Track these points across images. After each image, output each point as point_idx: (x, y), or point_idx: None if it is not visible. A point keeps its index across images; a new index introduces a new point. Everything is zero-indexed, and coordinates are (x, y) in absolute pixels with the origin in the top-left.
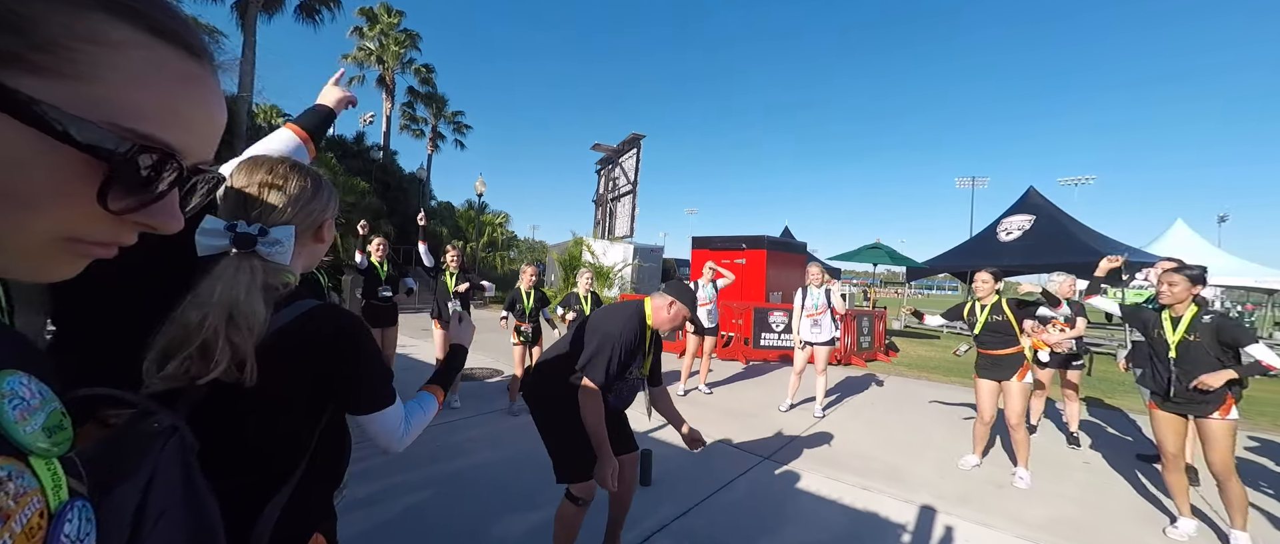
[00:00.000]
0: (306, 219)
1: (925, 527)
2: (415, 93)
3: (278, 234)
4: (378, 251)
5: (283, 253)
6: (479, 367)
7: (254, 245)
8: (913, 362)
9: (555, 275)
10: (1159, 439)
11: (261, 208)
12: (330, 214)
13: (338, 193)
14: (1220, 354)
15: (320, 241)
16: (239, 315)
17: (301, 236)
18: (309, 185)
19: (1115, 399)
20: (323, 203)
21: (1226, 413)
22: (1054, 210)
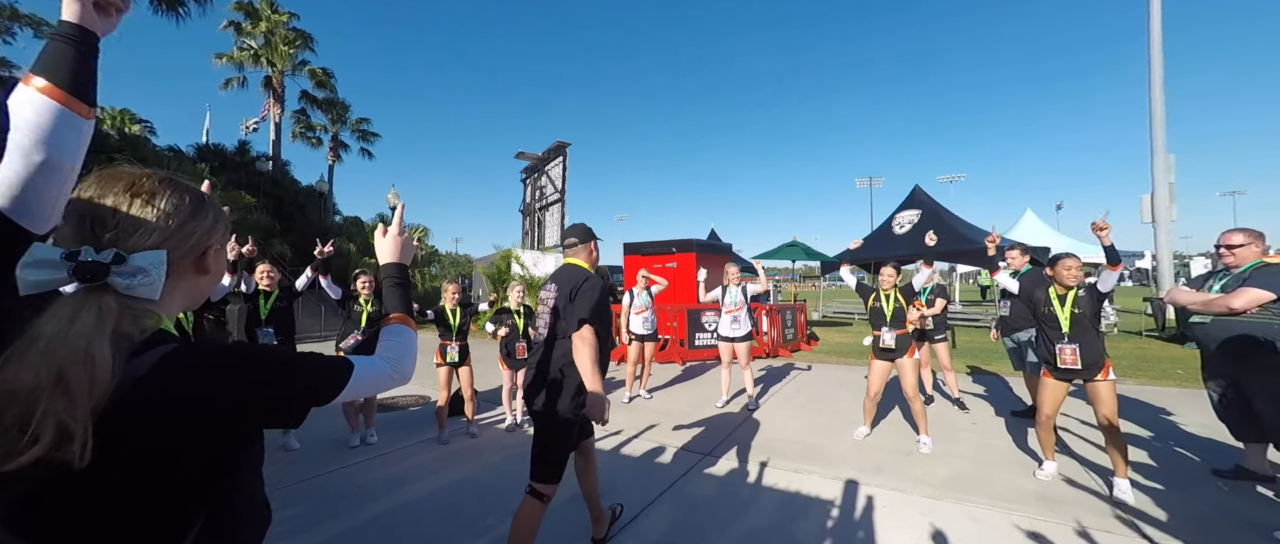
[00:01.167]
0: (183, 244)
1: (850, 499)
2: (311, 98)
3: (142, 261)
4: (266, 280)
5: (148, 286)
6: (402, 395)
7: (106, 276)
8: (832, 349)
9: (483, 290)
10: (1041, 401)
11: (118, 229)
12: (217, 239)
13: (227, 217)
14: (1094, 313)
15: (203, 274)
16: (73, 375)
17: (178, 267)
18: (187, 201)
19: (991, 365)
20: (206, 224)
21: (1107, 375)
22: (935, 205)
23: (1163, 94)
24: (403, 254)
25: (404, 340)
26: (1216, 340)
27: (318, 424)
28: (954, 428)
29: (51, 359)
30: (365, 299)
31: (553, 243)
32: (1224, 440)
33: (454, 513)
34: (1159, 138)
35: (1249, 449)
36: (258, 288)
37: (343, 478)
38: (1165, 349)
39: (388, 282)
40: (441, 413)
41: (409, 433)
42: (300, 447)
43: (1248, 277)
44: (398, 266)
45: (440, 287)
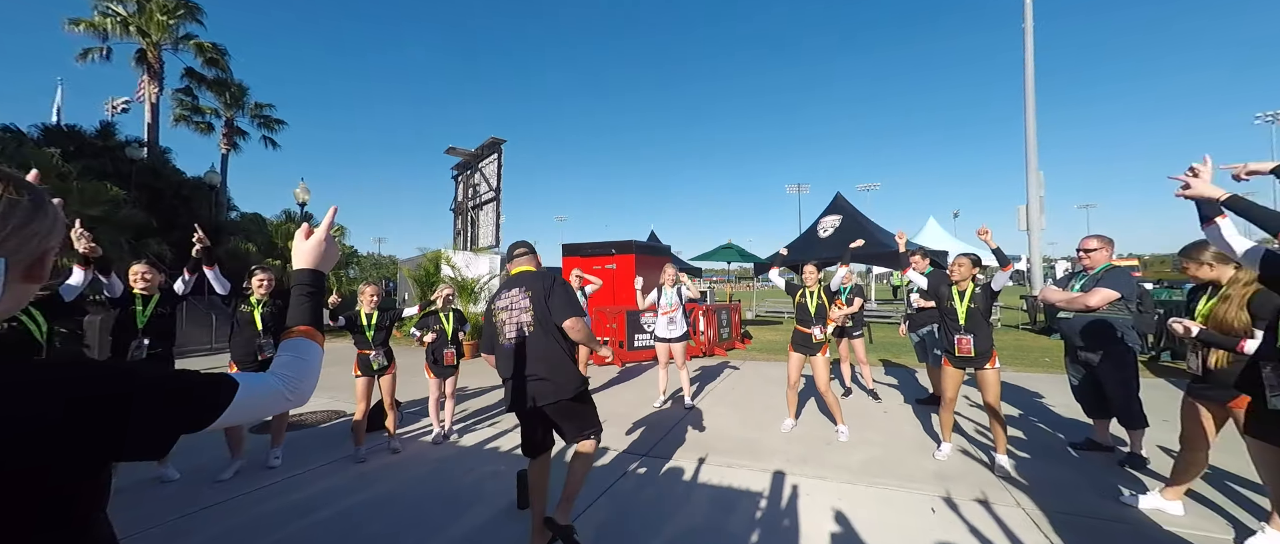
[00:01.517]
0: (21, 248)
1: (777, 489)
2: (198, 77)
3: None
4: (142, 282)
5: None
6: (312, 412)
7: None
8: (764, 346)
9: (408, 293)
10: (943, 387)
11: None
12: (54, 243)
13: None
14: (986, 309)
15: (34, 281)
16: None
17: (10, 273)
18: (26, 201)
19: (900, 358)
20: (45, 226)
21: (994, 364)
22: (854, 211)
23: (1035, 114)
24: (323, 261)
25: (306, 357)
26: (1077, 332)
27: (206, 449)
28: (869, 417)
29: None
30: (257, 301)
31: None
32: (1080, 418)
33: (369, 539)
34: (1032, 154)
35: (1097, 425)
36: (133, 292)
37: (234, 510)
38: (1037, 340)
39: (299, 289)
40: (359, 428)
41: (319, 453)
42: (180, 477)
43: (1101, 277)
44: (313, 274)
45: (357, 290)
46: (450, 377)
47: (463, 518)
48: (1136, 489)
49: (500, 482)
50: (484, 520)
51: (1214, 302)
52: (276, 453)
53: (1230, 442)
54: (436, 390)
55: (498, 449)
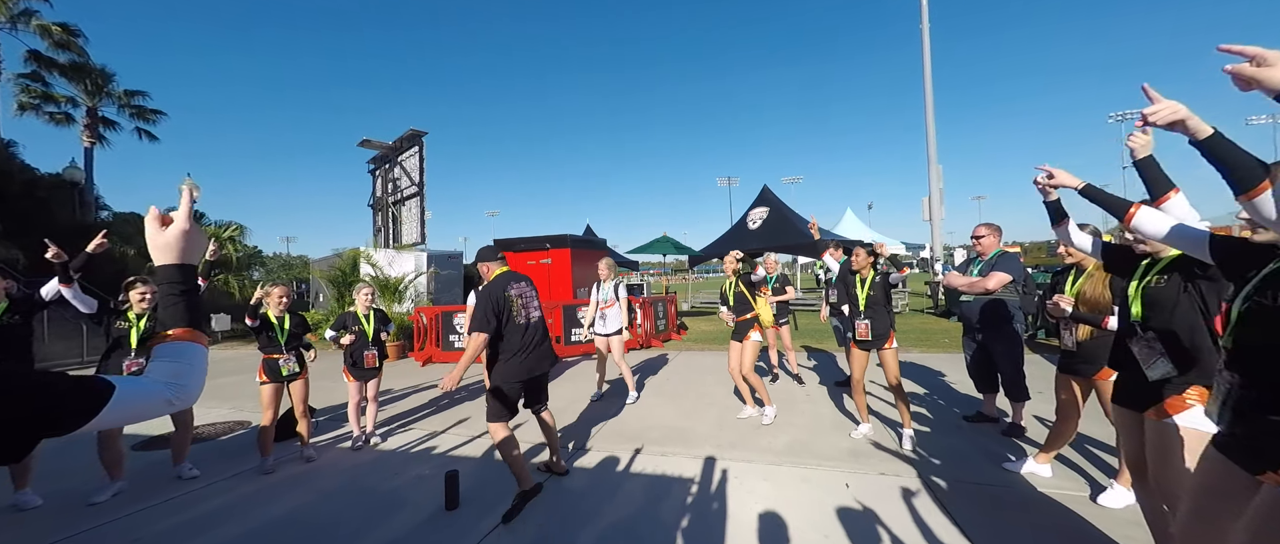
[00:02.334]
0: None
1: (708, 474)
2: (46, 60)
3: None
4: None
5: None
6: (215, 422)
7: None
8: (699, 337)
9: (324, 294)
10: (852, 370)
11: None
12: None
13: None
14: (885, 297)
15: None
16: None
17: None
18: None
19: (822, 344)
20: None
21: (891, 344)
22: (779, 203)
23: (933, 109)
24: (188, 252)
25: (188, 357)
26: (975, 314)
27: (76, 471)
28: (793, 400)
29: None
30: (136, 315)
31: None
32: (973, 393)
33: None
34: (931, 149)
35: (986, 398)
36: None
37: (122, 531)
38: (939, 323)
39: (167, 289)
40: (266, 437)
41: (222, 465)
42: (42, 503)
43: (995, 262)
44: (180, 269)
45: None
46: (372, 379)
47: (386, 524)
48: (1019, 456)
49: (426, 485)
50: (411, 526)
51: (1081, 280)
52: (188, 465)
53: (1091, 409)
54: (356, 394)
55: (424, 451)
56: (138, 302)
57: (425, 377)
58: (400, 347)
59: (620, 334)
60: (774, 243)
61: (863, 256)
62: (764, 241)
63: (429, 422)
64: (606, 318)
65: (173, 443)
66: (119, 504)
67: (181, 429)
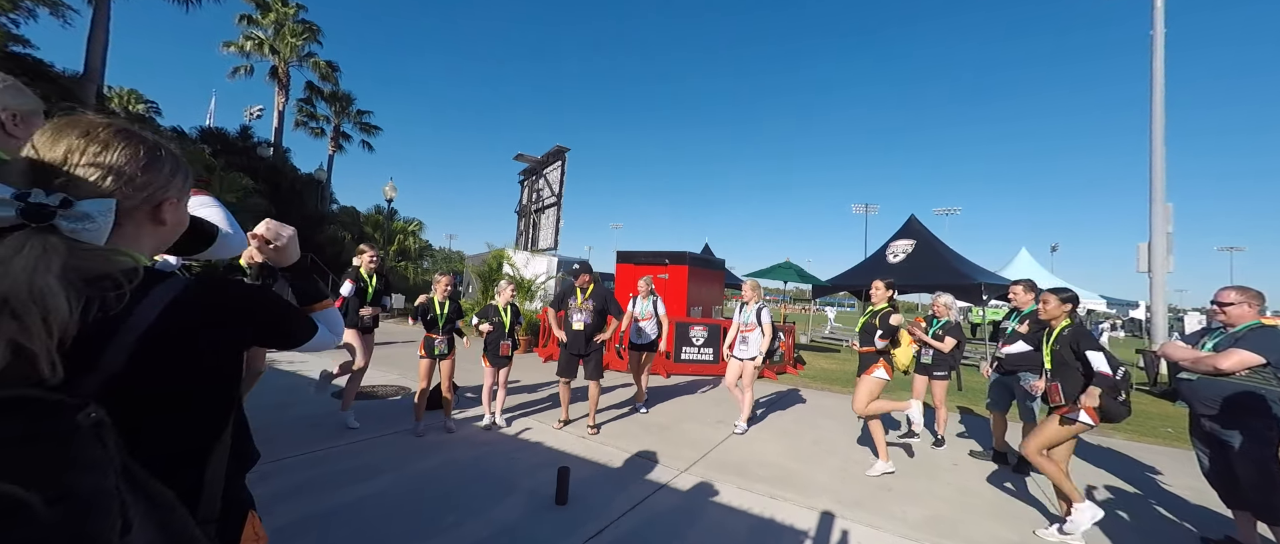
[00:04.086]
0: (136, 195)
1: (824, 531)
2: (316, 89)
3: (88, 208)
4: (371, 263)
5: (93, 231)
6: (381, 384)
7: (52, 219)
8: (817, 374)
9: (472, 287)
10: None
11: (69, 176)
12: (174, 193)
13: (192, 170)
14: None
15: (161, 224)
16: (17, 302)
17: (132, 215)
18: (141, 153)
19: (981, 407)
20: (161, 178)
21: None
22: (930, 236)
23: (1164, 143)
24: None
25: (332, 317)
26: (1203, 400)
27: (291, 408)
28: (936, 466)
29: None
30: (368, 273)
31: (546, 245)
32: (1215, 507)
33: (410, 512)
34: (1158, 186)
35: (1238, 518)
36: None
37: (304, 464)
38: (1156, 405)
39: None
40: (419, 404)
41: (386, 423)
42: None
43: (1241, 337)
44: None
45: (431, 279)
46: (504, 367)
47: (502, 504)
48: None
49: (539, 475)
50: (523, 511)
51: None
52: (351, 417)
53: None
54: (490, 379)
55: (541, 443)
56: (367, 262)
57: (546, 372)
58: (526, 341)
59: (754, 360)
60: (919, 281)
61: (1055, 303)
62: (906, 277)
63: (547, 414)
64: (748, 341)
65: (345, 393)
66: (316, 438)
67: (351, 384)
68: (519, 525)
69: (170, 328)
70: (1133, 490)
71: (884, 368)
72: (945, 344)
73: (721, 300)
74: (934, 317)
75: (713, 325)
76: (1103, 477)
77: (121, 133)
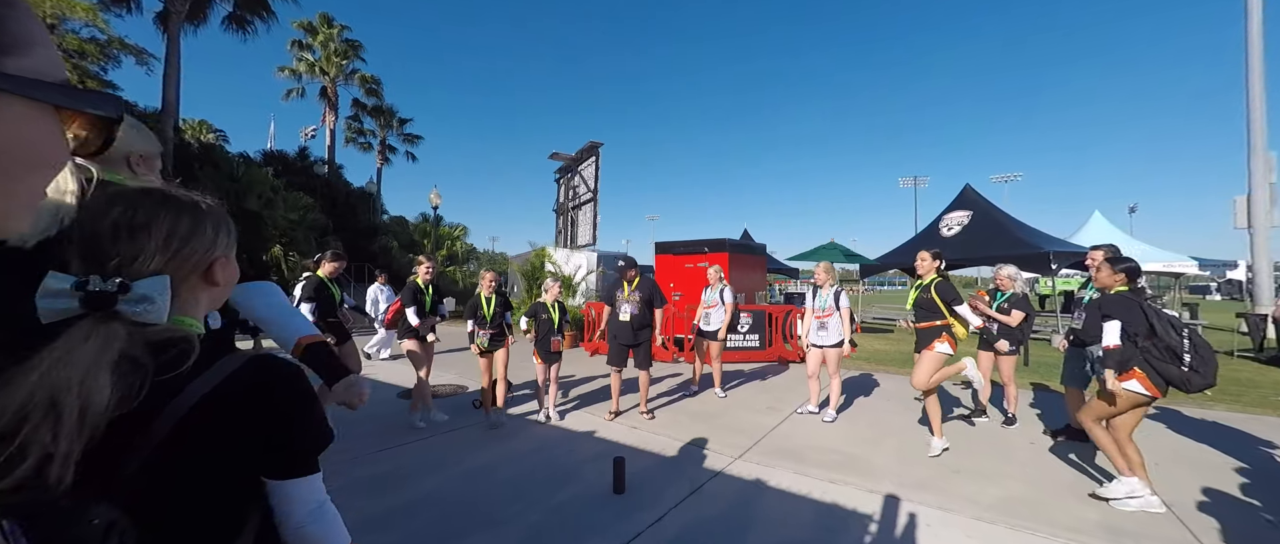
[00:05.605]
0: (185, 264)
1: (890, 515)
2: (361, 105)
3: (145, 288)
4: (427, 273)
5: (155, 311)
6: (441, 384)
7: (113, 305)
8: (871, 355)
9: (517, 286)
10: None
11: (121, 256)
12: (221, 250)
13: (230, 224)
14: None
15: (215, 286)
16: (65, 403)
17: (186, 282)
18: (185, 223)
19: (1055, 383)
20: (205, 242)
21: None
22: (988, 206)
23: (1263, 85)
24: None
25: None
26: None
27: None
28: (1009, 446)
29: (45, 385)
30: (424, 283)
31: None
32: None
33: (472, 505)
34: (1258, 134)
35: None
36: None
37: (383, 459)
38: (1263, 372)
39: None
40: (487, 396)
41: (451, 419)
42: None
43: None
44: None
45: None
46: (555, 363)
47: (563, 492)
48: None
49: (596, 466)
50: (583, 500)
51: None
52: (419, 417)
53: None
54: (542, 374)
55: (594, 434)
56: (423, 273)
57: (594, 366)
58: (572, 336)
59: (841, 346)
60: (978, 253)
61: (1108, 272)
62: (964, 251)
63: (598, 407)
64: (827, 327)
65: (413, 397)
66: (386, 435)
67: (419, 388)
68: (581, 514)
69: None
70: (1246, 465)
71: (947, 341)
72: (1012, 318)
73: (764, 286)
74: (998, 289)
75: (758, 312)
76: (1204, 452)
77: (162, 202)
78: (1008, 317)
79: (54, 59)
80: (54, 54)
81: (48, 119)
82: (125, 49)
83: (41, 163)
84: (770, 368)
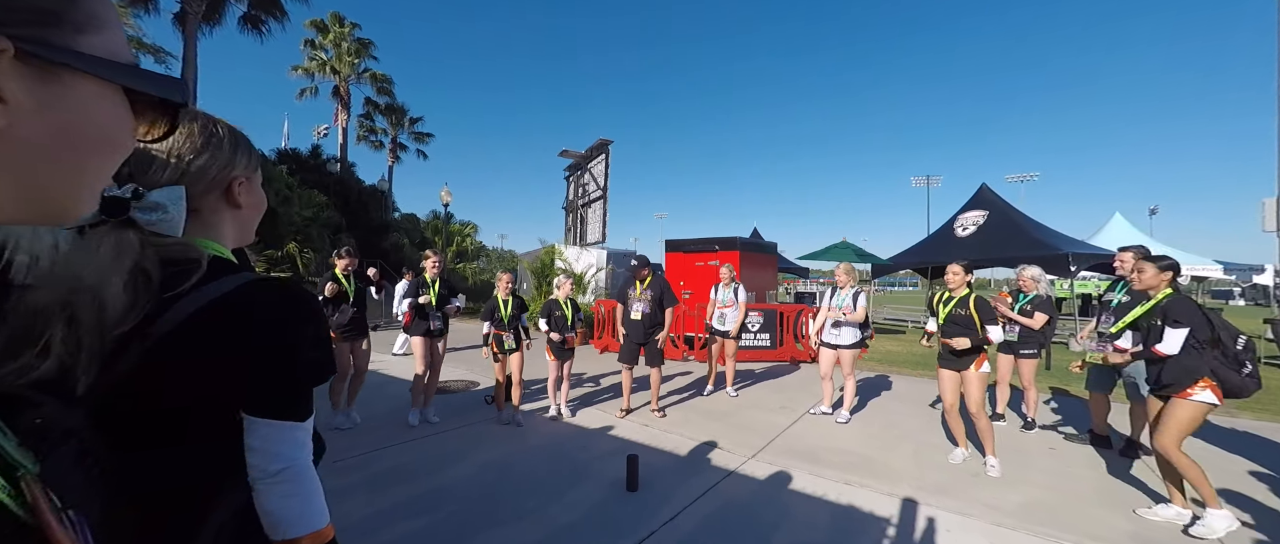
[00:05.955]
0: (202, 178)
1: (908, 519)
2: (373, 104)
3: (159, 197)
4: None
5: (168, 222)
6: (453, 379)
7: (127, 212)
8: (882, 356)
9: (527, 283)
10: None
11: (135, 164)
12: (241, 171)
13: (256, 153)
14: None
15: (236, 207)
16: (80, 306)
17: (205, 199)
18: (196, 133)
19: (1076, 388)
20: (222, 158)
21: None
22: (1005, 205)
23: None
24: None
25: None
26: None
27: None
28: (1029, 452)
29: (59, 288)
30: (431, 278)
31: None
32: None
33: (487, 499)
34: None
35: None
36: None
37: (395, 454)
38: None
39: None
40: (500, 393)
41: (464, 415)
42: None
43: None
44: None
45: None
46: (568, 360)
47: (577, 489)
48: None
49: (609, 463)
50: (598, 497)
51: None
52: (433, 412)
53: None
54: (555, 371)
55: (606, 431)
56: (431, 267)
57: (604, 363)
58: (583, 333)
59: (856, 347)
60: (994, 254)
61: (1152, 272)
62: (979, 252)
63: (609, 404)
64: (843, 328)
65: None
66: (397, 430)
67: (417, 386)
68: (595, 511)
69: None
70: (1269, 470)
71: (985, 360)
72: (1036, 320)
73: (775, 285)
74: (1020, 291)
75: (769, 311)
76: (1235, 463)
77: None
78: (1031, 319)
79: (123, 40)
80: (123, 36)
81: (117, 100)
82: (144, 48)
83: (110, 144)
84: (782, 367)
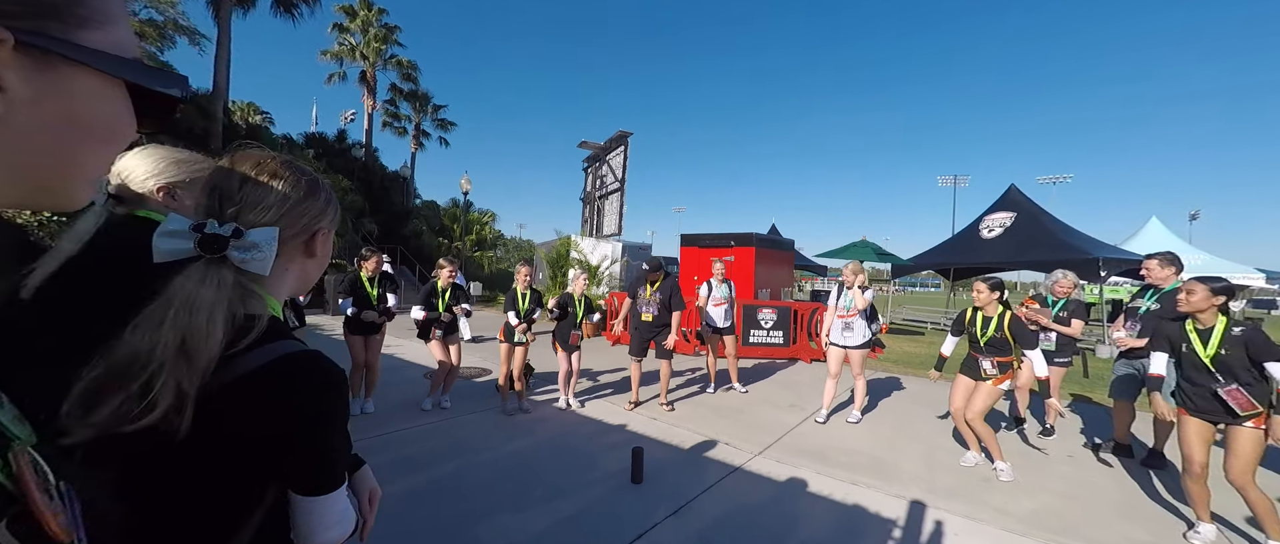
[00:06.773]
0: (295, 223)
1: (915, 522)
2: (398, 90)
3: (256, 237)
4: (370, 269)
5: (261, 261)
6: (466, 366)
7: (225, 250)
8: (898, 358)
9: (542, 273)
10: (1190, 449)
11: (241, 204)
12: (327, 223)
13: (337, 203)
14: (1249, 367)
15: (312, 257)
16: (193, 343)
17: (288, 245)
18: (303, 183)
19: (1099, 395)
20: (318, 207)
21: (1260, 423)
22: (1034, 208)
23: None
24: None
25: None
26: None
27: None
28: (1046, 459)
29: (178, 325)
30: (442, 288)
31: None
32: None
33: (495, 487)
34: None
35: None
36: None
37: (407, 439)
38: None
39: None
40: (504, 387)
41: (474, 402)
42: (375, 410)
43: None
44: None
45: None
46: (576, 353)
47: (584, 480)
48: None
49: (615, 455)
50: (604, 489)
51: None
52: (445, 398)
53: None
54: (564, 364)
55: (613, 423)
56: (445, 278)
57: (614, 356)
58: (594, 326)
59: (865, 348)
60: (1020, 257)
61: (1203, 294)
62: (1005, 254)
63: (618, 397)
64: (852, 328)
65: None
66: (409, 416)
67: (450, 375)
68: (601, 502)
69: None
70: None
71: (1010, 376)
72: (1074, 328)
73: (791, 282)
74: (1050, 296)
75: (783, 308)
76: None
77: (286, 164)
78: (1068, 326)
79: (130, 35)
80: (130, 31)
81: (119, 94)
82: (180, 30)
83: (110, 137)
84: (793, 365)
